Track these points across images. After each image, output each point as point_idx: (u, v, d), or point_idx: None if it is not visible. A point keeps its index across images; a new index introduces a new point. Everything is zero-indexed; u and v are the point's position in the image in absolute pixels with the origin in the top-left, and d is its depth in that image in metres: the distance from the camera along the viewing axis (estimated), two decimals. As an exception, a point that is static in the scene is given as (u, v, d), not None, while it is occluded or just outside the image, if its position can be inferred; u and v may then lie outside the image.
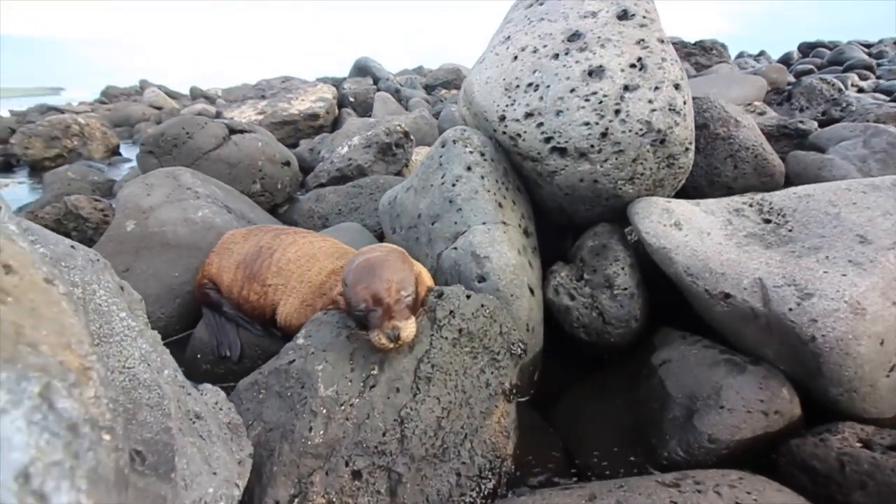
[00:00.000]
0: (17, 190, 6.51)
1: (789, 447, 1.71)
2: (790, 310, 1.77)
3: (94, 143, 7.81)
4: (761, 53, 17.05)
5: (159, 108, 12.98)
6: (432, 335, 1.79)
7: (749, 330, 1.93)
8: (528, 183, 2.67)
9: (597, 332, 2.35)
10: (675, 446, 1.81)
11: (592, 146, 2.27)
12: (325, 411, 1.60)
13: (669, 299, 2.34)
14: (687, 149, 2.35)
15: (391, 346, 1.63)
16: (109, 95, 18.49)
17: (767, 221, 2.17)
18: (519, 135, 2.42)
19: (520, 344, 1.99)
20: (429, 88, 12.08)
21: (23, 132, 7.35)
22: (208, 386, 1.60)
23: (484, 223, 2.32)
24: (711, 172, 3.10)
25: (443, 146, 2.56)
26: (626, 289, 2.30)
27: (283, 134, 7.13)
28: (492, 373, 1.86)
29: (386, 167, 4.88)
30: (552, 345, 2.45)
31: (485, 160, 2.47)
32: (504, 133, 2.47)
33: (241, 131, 4.59)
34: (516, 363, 1.98)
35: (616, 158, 2.28)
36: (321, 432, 1.57)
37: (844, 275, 1.77)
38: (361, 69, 10.78)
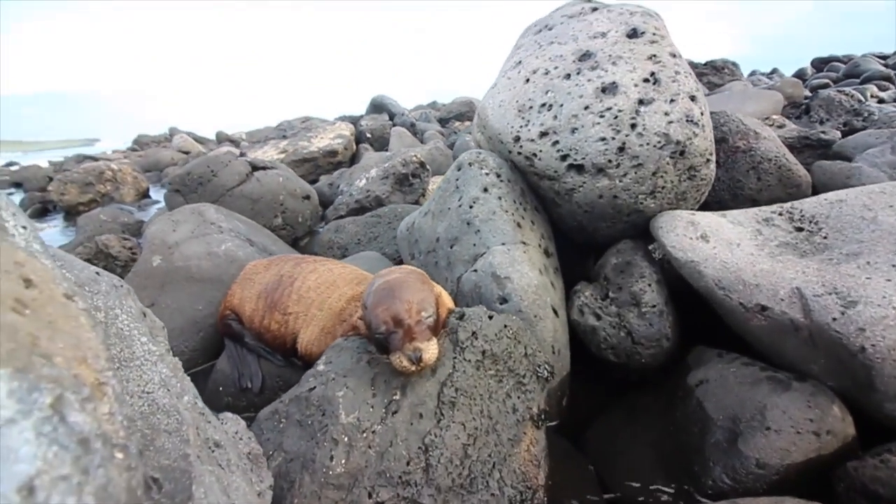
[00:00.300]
0: (52, 233, 6.80)
1: (846, 470, 1.58)
2: (834, 319, 1.66)
3: (125, 187, 8.15)
4: (774, 71, 16.95)
5: (187, 153, 13.55)
6: (455, 358, 1.74)
7: (790, 344, 1.82)
8: (546, 203, 2.64)
9: (626, 353, 2.25)
10: (720, 473, 1.69)
11: (610, 161, 2.24)
12: (346, 439, 1.55)
13: (699, 318, 2.24)
14: (708, 160, 2.30)
15: (413, 368, 1.58)
16: (141, 143, 19.45)
17: (800, 230, 2.08)
18: (535, 154, 2.41)
19: (546, 366, 1.92)
20: (443, 121, 12.36)
21: (59, 179, 7.74)
22: (228, 415, 1.57)
23: (503, 244, 2.29)
24: (734, 186, 3.03)
25: (458, 169, 2.57)
26: (654, 306, 2.22)
27: (303, 171, 7.32)
28: (518, 397, 1.78)
29: (403, 197, 4.94)
30: (579, 368, 2.35)
31: (501, 181, 2.46)
32: (520, 153, 2.47)
33: (263, 168, 4.72)
34: (543, 387, 1.90)
35: (635, 172, 2.24)
36: (343, 461, 1.51)
37: (889, 280, 1.67)
38: (377, 106, 11.15)
